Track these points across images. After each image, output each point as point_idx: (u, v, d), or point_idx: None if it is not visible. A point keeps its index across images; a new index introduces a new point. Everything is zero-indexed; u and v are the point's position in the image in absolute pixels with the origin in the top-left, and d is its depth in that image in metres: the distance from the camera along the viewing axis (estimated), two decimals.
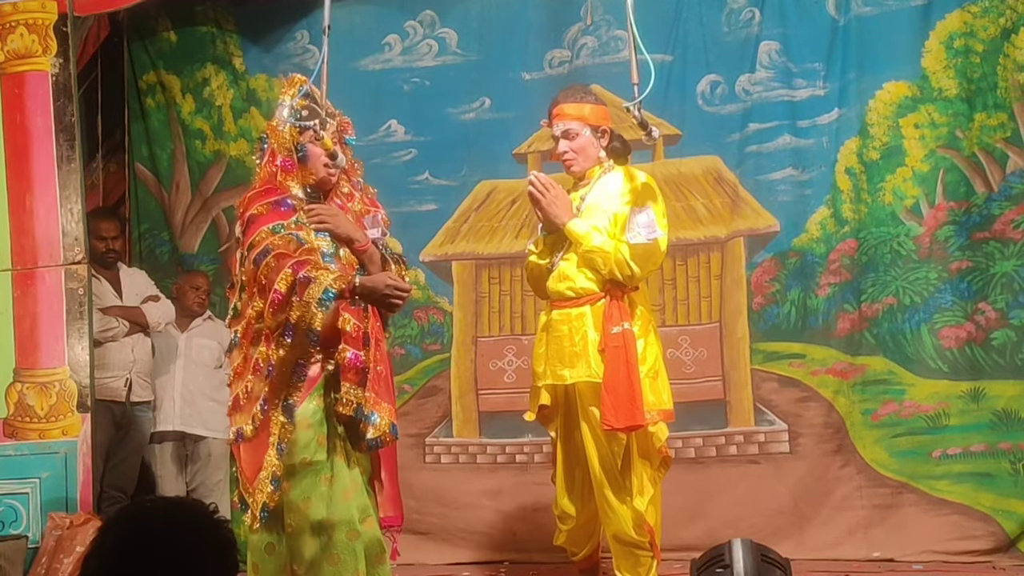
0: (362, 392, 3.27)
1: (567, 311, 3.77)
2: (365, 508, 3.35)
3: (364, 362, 3.27)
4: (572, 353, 3.73)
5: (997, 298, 4.88)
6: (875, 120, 5.07)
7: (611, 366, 3.63)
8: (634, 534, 3.66)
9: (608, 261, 3.67)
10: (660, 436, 3.72)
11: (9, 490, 4.81)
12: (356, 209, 3.52)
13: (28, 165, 4.90)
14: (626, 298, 3.72)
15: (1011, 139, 4.89)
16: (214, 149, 5.81)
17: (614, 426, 3.60)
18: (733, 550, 3.31)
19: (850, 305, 5.07)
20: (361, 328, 3.30)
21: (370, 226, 3.47)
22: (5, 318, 4.85)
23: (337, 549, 3.27)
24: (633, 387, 3.60)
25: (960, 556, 4.75)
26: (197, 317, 5.45)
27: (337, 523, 3.27)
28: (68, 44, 4.94)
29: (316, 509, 3.27)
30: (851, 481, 4.97)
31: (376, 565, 3.37)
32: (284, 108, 3.43)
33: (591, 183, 3.84)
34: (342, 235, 3.39)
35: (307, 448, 3.29)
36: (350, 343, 3.27)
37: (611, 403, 3.60)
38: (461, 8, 5.65)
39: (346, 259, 3.40)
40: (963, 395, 4.89)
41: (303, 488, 3.28)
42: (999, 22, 4.92)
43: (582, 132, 3.81)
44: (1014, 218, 4.87)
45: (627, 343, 3.64)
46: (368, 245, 3.42)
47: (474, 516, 5.32)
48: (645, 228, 3.69)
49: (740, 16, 5.30)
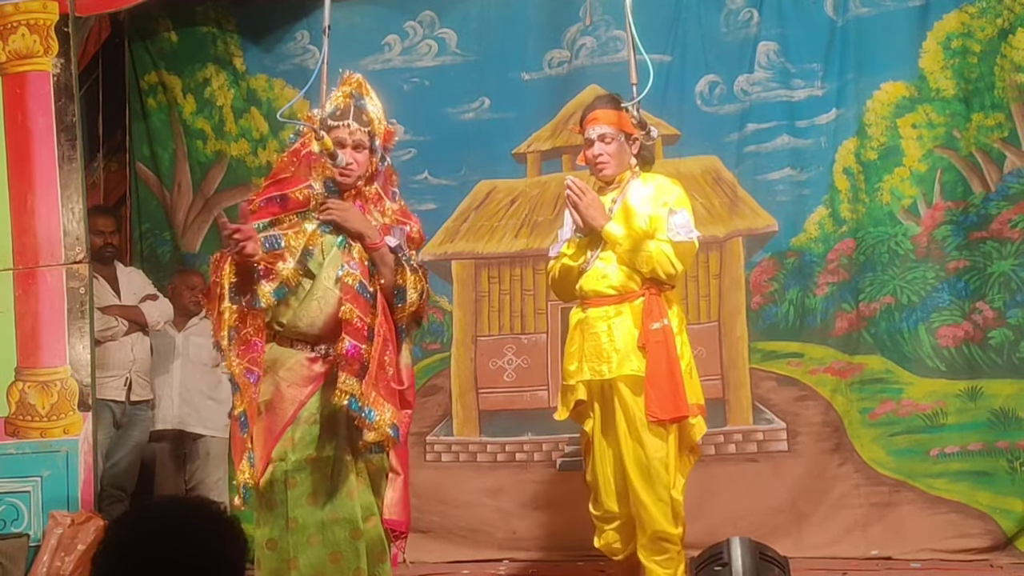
0: (358, 384, 3.25)
1: (605, 308, 3.84)
2: (369, 506, 3.35)
3: (363, 354, 3.27)
4: (611, 349, 3.79)
5: (994, 297, 4.90)
6: (873, 120, 5.09)
7: (653, 361, 3.72)
8: (669, 527, 3.69)
9: (651, 260, 3.76)
10: (699, 429, 3.81)
11: (11, 488, 4.81)
12: (384, 219, 3.49)
13: (29, 165, 4.91)
14: (663, 296, 3.82)
15: (1008, 139, 4.91)
16: (215, 149, 5.83)
17: (660, 417, 3.68)
18: (732, 548, 3.32)
19: (848, 304, 5.09)
20: (364, 322, 3.31)
21: (394, 235, 3.43)
22: (7, 317, 4.86)
23: (339, 547, 3.28)
24: (676, 380, 3.71)
25: (957, 554, 4.76)
26: (194, 316, 5.46)
27: (340, 520, 3.28)
28: (69, 44, 4.94)
29: (320, 506, 3.28)
30: (849, 479, 4.99)
31: (377, 564, 3.37)
32: (330, 103, 3.46)
33: (621, 186, 3.93)
34: (351, 230, 3.37)
35: (313, 443, 3.30)
36: (350, 334, 3.27)
37: (655, 396, 3.69)
38: (461, 9, 5.67)
39: (357, 254, 3.38)
40: (960, 394, 4.91)
41: (309, 484, 3.29)
42: (996, 23, 4.93)
43: (617, 138, 3.90)
44: (1011, 218, 4.89)
45: (667, 338, 3.74)
46: (381, 244, 3.38)
47: (474, 514, 5.34)
48: (683, 228, 3.81)
49: (739, 17, 5.32)
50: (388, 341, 3.36)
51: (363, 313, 3.31)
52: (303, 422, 3.31)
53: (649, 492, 3.71)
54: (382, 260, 3.39)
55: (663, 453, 3.71)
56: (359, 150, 3.42)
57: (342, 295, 3.32)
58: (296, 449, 3.30)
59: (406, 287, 3.38)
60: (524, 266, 5.48)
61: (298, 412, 3.33)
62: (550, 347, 5.41)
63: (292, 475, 3.29)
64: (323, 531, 3.28)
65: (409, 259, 3.44)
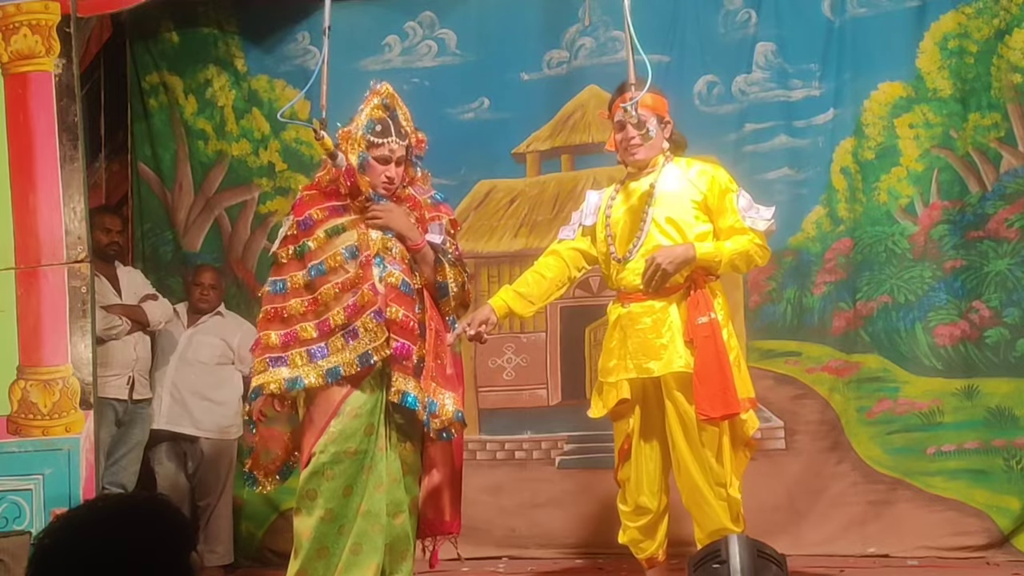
0: (412, 381, 3.38)
1: (649, 303, 3.75)
2: (399, 503, 3.43)
3: (411, 351, 3.38)
4: (658, 345, 3.71)
5: (991, 296, 4.91)
6: (870, 120, 5.11)
7: (701, 356, 3.63)
8: (732, 526, 3.65)
9: (751, 261, 3.76)
10: (752, 424, 3.75)
11: (13, 486, 4.81)
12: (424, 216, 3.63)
13: (31, 164, 4.92)
14: (708, 287, 3.75)
15: (1004, 139, 4.93)
16: (216, 149, 5.85)
17: (711, 415, 3.60)
18: (729, 546, 3.29)
19: (845, 303, 5.11)
20: (412, 318, 3.42)
21: (434, 231, 3.58)
22: (9, 316, 4.87)
23: (360, 539, 3.36)
24: (726, 375, 3.61)
25: (954, 552, 4.78)
26: (204, 314, 5.47)
27: (366, 514, 3.36)
28: (71, 45, 4.95)
29: (354, 498, 3.37)
30: (846, 477, 5.00)
31: (399, 562, 3.45)
32: (363, 115, 3.56)
33: (657, 170, 3.85)
34: (394, 231, 3.52)
35: (353, 437, 3.38)
36: (398, 332, 3.40)
37: (705, 393, 3.60)
38: (460, 9, 5.69)
39: (399, 254, 3.50)
40: (957, 392, 4.92)
41: (346, 477, 3.37)
42: (993, 23, 4.95)
43: (650, 119, 3.81)
44: (1008, 217, 4.90)
45: (715, 332, 3.65)
46: (422, 244, 3.54)
47: (473, 512, 5.28)
48: (753, 210, 3.77)
49: (736, 17, 5.34)
50: (440, 334, 3.51)
51: (408, 311, 3.39)
52: (345, 416, 3.39)
53: (707, 489, 3.68)
54: (423, 259, 3.55)
55: (716, 450, 3.67)
56: (400, 164, 3.58)
57: (386, 296, 3.40)
58: (336, 442, 3.37)
59: (447, 282, 3.55)
60: (523, 265, 5.43)
61: (340, 406, 3.41)
62: (549, 346, 5.44)
63: (330, 467, 3.37)
64: (353, 523, 3.36)
65: (447, 254, 3.57)
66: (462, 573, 4.95)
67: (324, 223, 3.50)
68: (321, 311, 3.45)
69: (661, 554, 3.97)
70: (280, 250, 3.55)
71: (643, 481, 3.83)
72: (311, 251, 3.49)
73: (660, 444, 3.81)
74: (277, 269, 3.57)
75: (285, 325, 3.48)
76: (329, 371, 3.39)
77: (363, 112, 3.56)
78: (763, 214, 3.79)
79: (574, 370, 5.41)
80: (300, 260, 3.51)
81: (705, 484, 3.69)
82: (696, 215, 3.78)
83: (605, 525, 4.83)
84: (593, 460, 5.17)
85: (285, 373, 3.42)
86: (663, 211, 3.77)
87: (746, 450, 3.81)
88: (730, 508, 3.70)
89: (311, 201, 3.55)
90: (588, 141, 5.48)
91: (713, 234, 3.81)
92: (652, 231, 3.77)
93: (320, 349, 3.42)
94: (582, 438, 5.27)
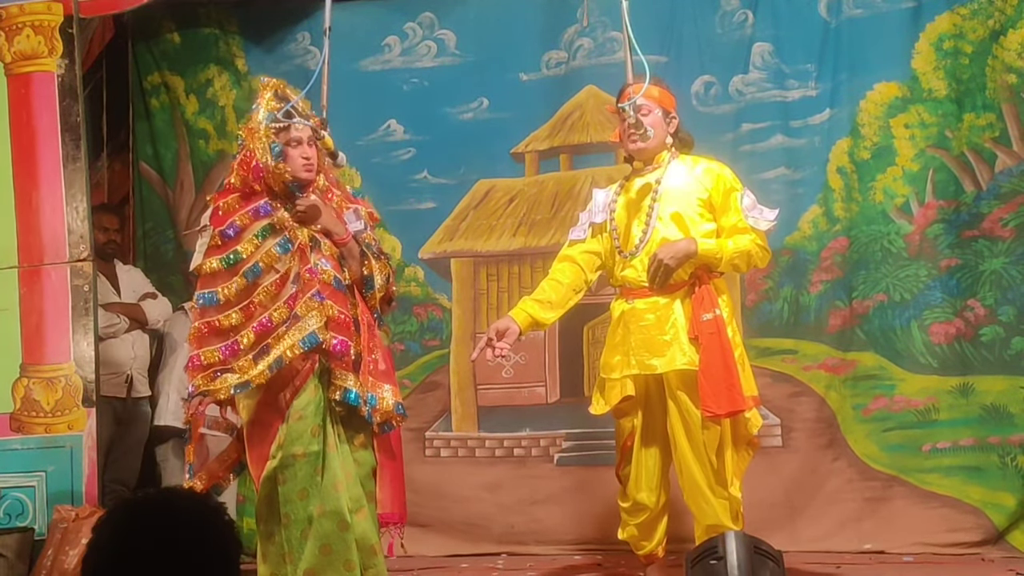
0: (353, 377, 3.37)
1: (654, 300, 3.75)
2: (358, 499, 3.41)
3: (349, 347, 3.37)
4: (662, 342, 3.71)
5: (986, 295, 4.92)
6: (866, 120, 5.12)
7: (706, 353, 3.62)
8: (732, 524, 3.65)
9: (751, 261, 3.75)
10: (755, 422, 3.75)
11: (16, 483, 4.85)
12: (335, 205, 3.61)
13: (34, 164, 4.95)
14: (712, 284, 3.75)
15: (999, 139, 4.94)
16: (217, 149, 5.87)
17: (716, 412, 3.59)
18: (727, 542, 3.31)
19: (841, 302, 5.12)
20: (346, 315, 3.41)
21: (352, 220, 3.55)
22: (12, 314, 4.90)
23: (328, 540, 3.33)
24: (731, 372, 3.60)
25: (949, 548, 4.79)
26: None
27: (327, 513, 3.33)
28: (74, 45, 4.99)
29: (310, 500, 3.34)
30: (842, 474, 5.02)
31: (370, 556, 3.41)
32: (260, 111, 3.51)
33: (662, 167, 3.84)
34: (320, 227, 3.49)
35: (300, 440, 3.36)
36: (335, 329, 3.37)
37: (710, 390, 3.58)
38: (460, 10, 5.71)
39: (328, 250, 3.49)
40: (952, 390, 4.94)
41: (299, 480, 3.35)
42: (988, 24, 4.96)
43: (654, 110, 3.81)
44: (1002, 216, 4.92)
45: (720, 329, 3.64)
46: (348, 239, 3.52)
47: (472, 509, 5.38)
48: (756, 210, 3.76)
49: (733, 18, 5.35)
50: (372, 328, 3.50)
51: (343, 307, 3.40)
52: (291, 419, 3.37)
53: (707, 486, 3.69)
54: (350, 254, 3.52)
55: (717, 447, 3.68)
56: (311, 145, 3.52)
57: (321, 291, 3.40)
58: (283, 446, 3.36)
59: (373, 275, 3.53)
60: (522, 264, 5.53)
61: (286, 409, 3.39)
62: (548, 343, 5.46)
63: (280, 472, 3.35)
64: (313, 525, 3.33)
65: (370, 246, 3.56)
66: (461, 569, 4.99)
67: (251, 227, 3.44)
68: (259, 314, 3.38)
69: (660, 551, 4.00)
70: (203, 264, 3.47)
71: (642, 477, 3.84)
72: (243, 259, 3.42)
73: (661, 441, 3.82)
74: (204, 282, 3.47)
75: (223, 338, 3.41)
76: (275, 361, 3.33)
77: (259, 108, 3.51)
78: (766, 215, 3.80)
79: (573, 368, 5.43)
80: (230, 269, 3.42)
81: (706, 483, 3.71)
82: (701, 212, 3.79)
83: (603, 521, 4.86)
84: (591, 457, 5.19)
85: (232, 380, 3.37)
86: (668, 207, 3.79)
87: (748, 449, 3.82)
88: (730, 507, 3.71)
89: (230, 209, 3.48)
90: (586, 141, 5.50)
91: (716, 232, 3.83)
92: (658, 227, 3.79)
93: (264, 348, 3.37)
94: (580, 435, 5.29)
